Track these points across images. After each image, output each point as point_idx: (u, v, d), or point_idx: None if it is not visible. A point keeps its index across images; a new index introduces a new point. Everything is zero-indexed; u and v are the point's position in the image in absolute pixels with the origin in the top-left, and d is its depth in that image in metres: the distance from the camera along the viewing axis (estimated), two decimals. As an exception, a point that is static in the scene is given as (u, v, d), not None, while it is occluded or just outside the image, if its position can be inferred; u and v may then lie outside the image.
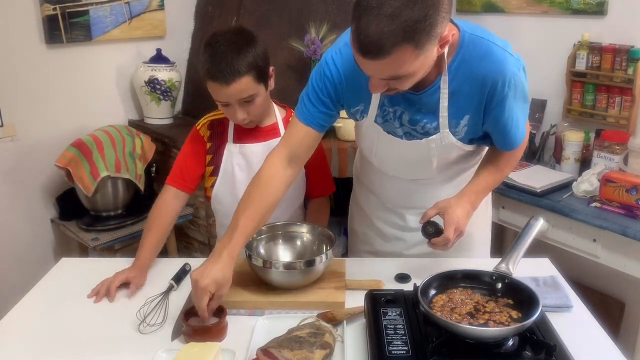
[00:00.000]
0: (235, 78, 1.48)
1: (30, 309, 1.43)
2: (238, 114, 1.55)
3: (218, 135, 1.68)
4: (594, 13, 2.46)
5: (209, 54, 1.50)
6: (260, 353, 1.14)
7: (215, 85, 1.50)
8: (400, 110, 1.43)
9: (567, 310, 1.35)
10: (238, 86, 1.49)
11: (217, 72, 1.47)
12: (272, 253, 1.54)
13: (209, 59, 1.49)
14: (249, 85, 1.51)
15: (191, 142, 1.71)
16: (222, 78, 1.47)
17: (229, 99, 1.52)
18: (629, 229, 1.97)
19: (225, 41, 1.50)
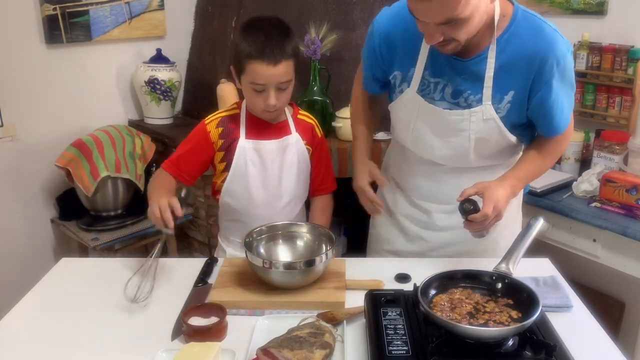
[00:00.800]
0: (283, 59, 1.49)
1: (30, 309, 1.43)
2: (271, 99, 1.53)
3: (230, 132, 1.65)
4: (594, 13, 2.46)
5: (257, 34, 1.49)
6: (260, 353, 1.14)
7: (261, 66, 1.48)
8: (443, 82, 1.43)
9: (567, 310, 1.35)
10: (283, 68, 1.50)
11: (267, 51, 1.47)
12: (272, 253, 1.54)
13: (257, 39, 1.48)
14: (290, 70, 1.53)
15: (196, 140, 1.67)
16: (272, 57, 1.47)
17: (270, 80, 1.50)
18: (629, 229, 1.97)
19: (272, 24, 1.53)
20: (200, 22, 3.09)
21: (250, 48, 1.48)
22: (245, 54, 1.49)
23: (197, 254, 2.91)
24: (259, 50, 1.47)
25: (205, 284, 1.49)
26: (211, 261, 1.59)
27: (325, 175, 1.78)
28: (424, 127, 1.50)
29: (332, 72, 2.59)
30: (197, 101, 3.10)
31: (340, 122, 2.48)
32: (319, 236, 1.55)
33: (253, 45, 1.48)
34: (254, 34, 1.50)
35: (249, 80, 1.52)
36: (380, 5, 2.69)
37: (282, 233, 1.57)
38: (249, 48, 1.48)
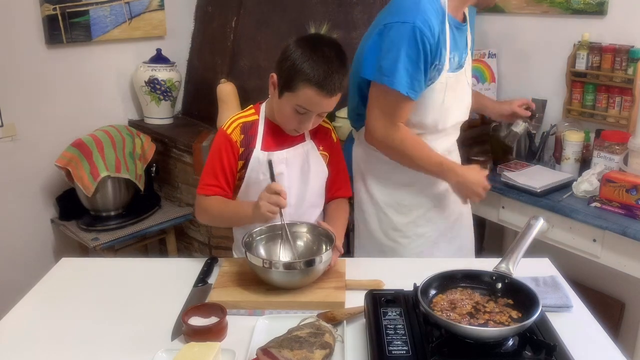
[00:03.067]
0: (337, 93, 1.47)
1: (30, 309, 1.43)
2: (309, 125, 1.51)
3: (250, 140, 1.58)
4: (594, 13, 2.46)
5: (321, 61, 1.43)
6: (260, 353, 1.14)
7: (318, 95, 1.43)
8: (456, 55, 1.70)
9: (567, 310, 1.35)
10: (334, 100, 1.48)
11: (329, 83, 1.42)
12: (272, 253, 1.54)
13: (322, 67, 1.42)
14: (337, 100, 1.50)
15: (223, 150, 1.57)
16: (331, 90, 1.44)
17: (319, 109, 1.48)
18: (629, 229, 1.97)
19: (335, 52, 1.46)
20: (200, 22, 3.09)
21: (312, 74, 1.42)
22: (304, 77, 1.42)
23: (197, 254, 2.91)
24: (320, 80, 1.42)
25: (205, 284, 1.49)
26: (211, 261, 1.59)
27: (340, 180, 1.72)
28: (451, 97, 1.72)
29: (332, 72, 2.59)
30: (197, 101, 3.10)
31: (340, 122, 2.48)
32: (319, 236, 1.55)
33: (315, 72, 1.42)
34: (317, 59, 1.43)
35: (297, 102, 1.46)
36: (381, 5, 2.70)
37: (282, 233, 1.57)
38: (310, 73, 1.42)
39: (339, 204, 1.71)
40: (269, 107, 1.60)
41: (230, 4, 2.79)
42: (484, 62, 2.85)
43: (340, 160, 1.72)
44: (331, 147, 1.68)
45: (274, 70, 1.51)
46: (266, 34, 2.72)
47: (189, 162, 2.78)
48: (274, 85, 1.51)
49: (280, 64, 1.48)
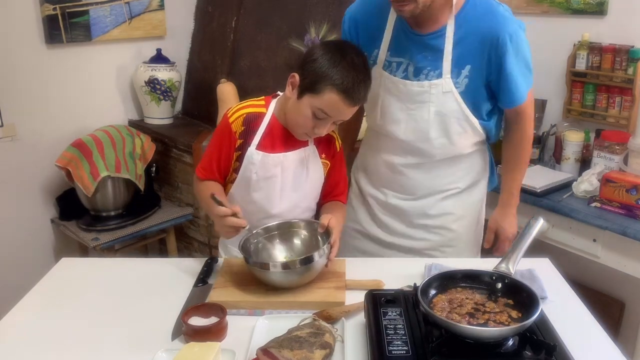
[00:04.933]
0: (360, 103, 1.47)
1: (30, 309, 1.42)
2: (324, 129, 1.48)
3: (250, 133, 1.54)
4: (594, 13, 2.46)
5: (350, 69, 1.41)
6: (260, 353, 1.14)
7: (343, 103, 1.41)
8: (405, 61, 1.59)
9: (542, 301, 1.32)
10: (355, 110, 1.47)
11: (355, 92, 1.41)
12: (270, 254, 1.53)
13: (350, 75, 1.40)
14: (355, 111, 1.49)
15: (221, 135, 1.56)
16: (356, 100, 1.43)
17: (339, 117, 1.46)
18: (629, 229, 1.97)
19: (362, 61, 1.46)
20: (200, 22, 3.09)
21: (341, 80, 1.39)
22: (331, 83, 1.40)
23: (197, 254, 2.91)
24: (349, 88, 1.40)
25: (205, 284, 1.49)
26: (211, 261, 1.59)
27: (339, 189, 1.67)
28: (389, 100, 1.64)
29: (332, 72, 2.59)
30: (197, 101, 3.10)
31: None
32: (316, 232, 1.53)
33: (344, 79, 1.40)
34: (346, 66, 1.41)
35: (318, 106, 1.43)
36: (380, 5, 2.70)
37: (278, 233, 1.56)
38: (339, 79, 1.39)
39: (336, 203, 1.66)
40: (280, 106, 1.55)
41: (230, 4, 2.79)
42: (484, 62, 2.85)
43: (341, 169, 1.67)
44: (333, 156, 1.63)
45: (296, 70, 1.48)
46: (266, 34, 2.72)
47: (189, 162, 2.78)
48: (293, 85, 1.47)
49: (305, 65, 1.45)
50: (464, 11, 1.52)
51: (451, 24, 1.51)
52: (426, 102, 1.58)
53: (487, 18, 1.50)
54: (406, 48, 1.57)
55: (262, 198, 1.57)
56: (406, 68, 1.58)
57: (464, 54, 1.52)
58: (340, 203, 1.67)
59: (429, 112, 1.58)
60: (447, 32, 1.51)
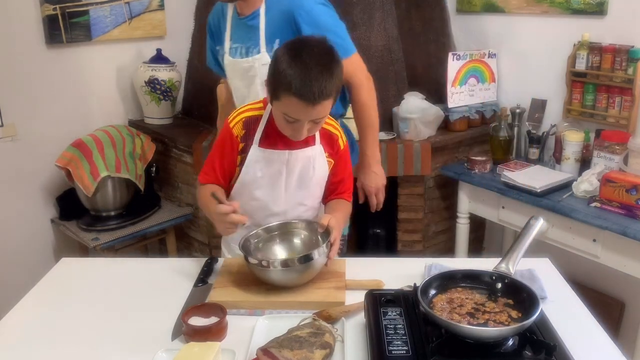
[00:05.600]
0: (322, 100, 1.39)
1: (30, 309, 1.43)
2: (303, 132, 1.44)
3: (251, 135, 1.55)
4: (594, 13, 2.46)
5: (300, 69, 1.37)
6: (260, 353, 1.14)
7: (299, 104, 1.38)
8: (239, 45, 1.85)
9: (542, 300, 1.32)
10: (321, 107, 1.40)
11: (308, 92, 1.36)
12: (270, 253, 1.54)
13: (300, 75, 1.36)
14: (328, 107, 1.44)
15: (223, 141, 1.58)
16: (312, 99, 1.37)
17: (305, 117, 1.41)
18: (629, 229, 1.97)
19: (317, 58, 1.39)
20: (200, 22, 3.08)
21: (290, 80, 1.36)
22: (284, 85, 1.37)
23: (197, 254, 2.91)
24: (299, 87, 1.35)
25: (205, 284, 1.49)
26: (211, 261, 1.59)
27: (342, 187, 1.66)
28: (238, 83, 1.91)
29: (332, 72, 2.59)
30: (197, 101, 3.10)
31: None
32: (316, 232, 1.53)
33: (294, 78, 1.36)
34: (296, 65, 1.37)
35: (283, 111, 1.42)
36: (381, 5, 2.70)
37: (278, 233, 1.56)
38: (288, 79, 1.36)
39: (339, 201, 1.66)
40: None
41: (230, 4, 2.79)
42: (484, 62, 2.85)
43: (346, 167, 1.66)
44: (337, 154, 1.62)
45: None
46: (266, 34, 2.72)
47: (189, 162, 2.78)
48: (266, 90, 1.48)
49: (268, 72, 1.44)
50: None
51: (262, 5, 1.77)
52: (255, 76, 1.83)
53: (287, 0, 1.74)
54: (238, 34, 1.85)
55: (266, 195, 1.57)
56: (240, 50, 1.85)
57: (274, 30, 1.76)
58: (344, 201, 1.66)
59: (258, 84, 1.83)
60: (261, 12, 1.77)
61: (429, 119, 2.61)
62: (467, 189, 2.63)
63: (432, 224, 2.83)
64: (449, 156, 2.78)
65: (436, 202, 2.80)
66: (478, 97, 2.86)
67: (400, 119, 2.61)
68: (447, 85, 2.74)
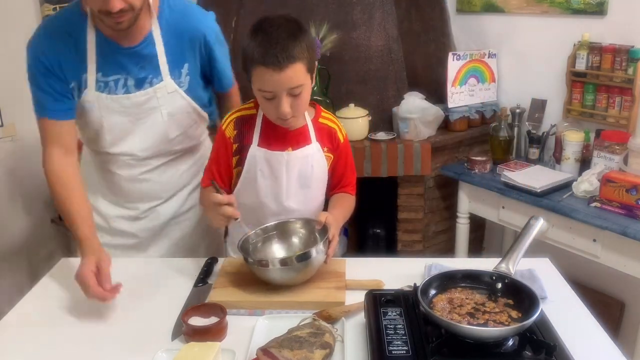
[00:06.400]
0: (289, 63, 1.36)
1: (30, 309, 1.43)
2: (283, 106, 1.41)
3: (244, 134, 1.55)
4: (594, 13, 2.46)
5: (261, 37, 1.38)
6: (260, 353, 1.14)
7: (267, 71, 1.37)
8: (123, 77, 1.58)
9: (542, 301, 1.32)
10: (291, 72, 1.37)
11: (271, 55, 1.35)
12: (269, 252, 1.53)
13: (261, 42, 1.37)
14: (300, 73, 1.40)
15: (218, 147, 1.59)
16: (277, 62, 1.35)
17: (278, 87, 1.39)
18: (629, 229, 1.97)
19: (278, 26, 1.41)
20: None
21: (254, 52, 1.38)
22: (250, 59, 1.39)
23: (197, 254, 2.90)
24: (262, 54, 1.36)
25: (205, 284, 1.49)
26: (211, 261, 1.59)
27: (345, 180, 1.65)
28: (117, 120, 1.61)
29: (332, 72, 2.59)
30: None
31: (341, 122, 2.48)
32: (314, 230, 1.53)
33: (257, 49, 1.38)
34: (259, 36, 1.39)
35: (257, 87, 1.42)
36: (381, 5, 2.70)
37: (276, 233, 1.56)
38: (252, 52, 1.38)
39: (341, 195, 1.64)
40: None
41: (230, 4, 2.79)
42: (484, 62, 2.85)
43: (347, 160, 1.65)
44: (337, 148, 1.62)
45: None
46: (266, 34, 2.72)
47: (189, 162, 2.78)
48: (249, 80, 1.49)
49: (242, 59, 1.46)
50: (163, 13, 1.58)
51: (156, 28, 1.57)
52: (157, 107, 1.63)
53: (188, 18, 1.62)
54: (120, 64, 1.56)
55: (269, 195, 1.57)
56: (125, 83, 1.58)
57: (178, 54, 1.61)
58: (347, 195, 1.66)
59: (162, 115, 1.64)
60: (155, 37, 1.57)
61: (429, 119, 2.61)
62: (467, 189, 2.63)
63: (432, 224, 2.83)
64: (449, 156, 2.78)
65: (436, 202, 2.80)
66: (478, 97, 2.86)
67: (400, 119, 2.61)
68: (447, 85, 2.74)
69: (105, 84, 1.57)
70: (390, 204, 2.79)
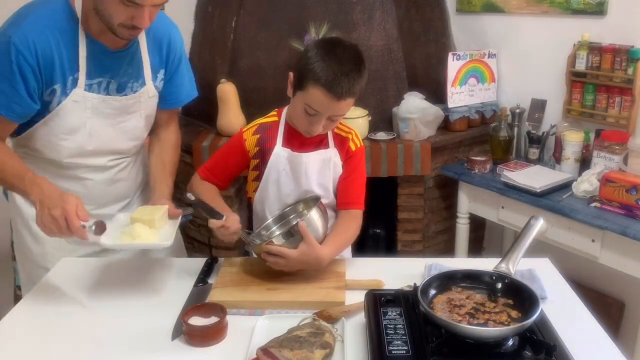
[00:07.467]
0: (347, 97, 1.43)
1: (30, 309, 1.43)
2: (319, 127, 1.48)
3: (266, 140, 1.60)
4: (594, 13, 2.46)
5: (332, 62, 1.41)
6: (261, 353, 1.14)
7: (326, 97, 1.41)
8: (106, 80, 1.57)
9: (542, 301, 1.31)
10: (345, 105, 1.45)
11: (336, 85, 1.40)
12: None
13: (331, 68, 1.40)
14: (350, 106, 1.48)
15: (231, 147, 1.65)
16: (339, 94, 1.41)
17: (327, 111, 1.45)
18: (629, 229, 1.97)
19: (350, 55, 1.45)
20: (200, 22, 3.08)
21: (322, 74, 1.40)
22: (313, 77, 1.41)
23: (197, 254, 2.90)
24: (329, 81, 1.40)
25: (205, 284, 1.49)
26: (211, 261, 1.59)
27: (352, 192, 1.63)
28: (97, 121, 1.60)
29: (332, 72, 2.59)
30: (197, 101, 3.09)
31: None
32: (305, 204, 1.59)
33: (325, 72, 1.40)
34: (329, 60, 1.41)
35: (306, 102, 1.45)
36: (381, 5, 2.70)
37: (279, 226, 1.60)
38: (320, 73, 1.40)
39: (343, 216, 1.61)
40: (289, 110, 1.59)
41: (230, 4, 2.79)
42: (484, 62, 2.85)
43: (356, 170, 1.63)
44: (347, 156, 1.62)
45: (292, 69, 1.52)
46: (266, 34, 2.72)
47: (189, 162, 2.78)
48: (291, 84, 1.51)
49: (297, 63, 1.49)
50: None
51: (141, 34, 1.57)
52: (137, 111, 1.66)
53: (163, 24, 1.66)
54: (106, 67, 1.55)
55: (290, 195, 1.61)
56: (107, 86, 1.57)
57: (156, 58, 1.65)
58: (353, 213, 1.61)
59: (140, 119, 1.68)
60: (140, 42, 1.59)
61: (429, 119, 2.61)
62: (467, 189, 2.63)
63: (432, 224, 2.83)
64: (449, 156, 2.78)
65: (436, 202, 2.80)
66: (478, 97, 2.86)
67: (400, 119, 2.61)
68: (447, 85, 2.74)
69: (89, 86, 1.54)
70: (390, 204, 2.79)
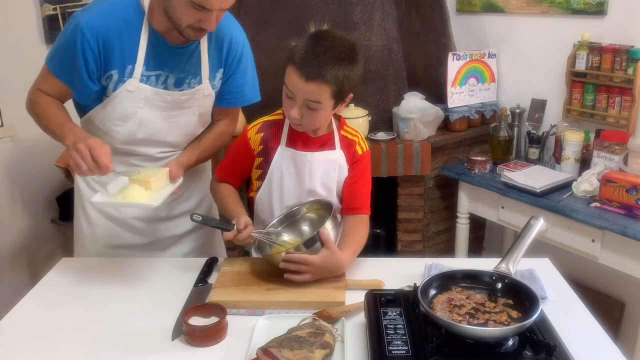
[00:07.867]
0: (316, 80, 1.41)
1: (30, 309, 1.43)
2: (294, 110, 1.46)
3: (270, 138, 1.60)
4: (594, 13, 2.46)
5: (311, 44, 1.43)
6: (261, 353, 1.14)
7: (295, 75, 1.42)
8: (164, 74, 1.58)
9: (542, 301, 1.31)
10: (314, 88, 1.42)
11: (306, 64, 1.40)
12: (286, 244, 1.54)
13: (307, 48, 1.43)
14: (322, 94, 1.44)
15: (238, 146, 1.66)
16: (307, 73, 1.40)
17: (298, 92, 1.44)
18: (629, 229, 1.97)
19: (332, 44, 1.44)
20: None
21: (296, 52, 1.43)
22: (291, 57, 1.45)
23: (197, 254, 2.90)
24: (300, 59, 1.42)
25: (205, 284, 1.49)
26: (211, 261, 1.59)
27: (358, 197, 1.62)
28: (149, 112, 1.60)
29: (332, 72, 2.59)
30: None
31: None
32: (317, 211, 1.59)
33: (300, 52, 1.43)
34: (310, 42, 1.44)
35: (285, 81, 1.47)
36: (381, 5, 2.70)
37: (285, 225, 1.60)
38: (295, 51, 1.44)
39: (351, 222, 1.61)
40: None
41: (230, 4, 2.79)
42: (484, 62, 2.85)
43: (363, 175, 1.63)
44: (353, 160, 1.62)
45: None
46: (266, 34, 2.72)
47: (189, 162, 2.78)
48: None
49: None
50: None
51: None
52: (191, 107, 1.64)
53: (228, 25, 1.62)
54: (165, 61, 1.56)
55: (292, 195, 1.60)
56: (165, 80, 1.58)
57: (216, 58, 1.63)
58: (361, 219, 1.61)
59: (194, 115, 1.67)
60: (201, 39, 1.57)
61: (429, 119, 2.61)
62: (467, 189, 2.63)
63: (432, 224, 2.83)
64: (449, 156, 2.78)
65: (436, 202, 2.81)
66: (478, 97, 2.87)
67: (400, 118, 2.61)
68: (447, 85, 2.74)
69: (146, 77, 1.56)
70: (390, 204, 2.79)
